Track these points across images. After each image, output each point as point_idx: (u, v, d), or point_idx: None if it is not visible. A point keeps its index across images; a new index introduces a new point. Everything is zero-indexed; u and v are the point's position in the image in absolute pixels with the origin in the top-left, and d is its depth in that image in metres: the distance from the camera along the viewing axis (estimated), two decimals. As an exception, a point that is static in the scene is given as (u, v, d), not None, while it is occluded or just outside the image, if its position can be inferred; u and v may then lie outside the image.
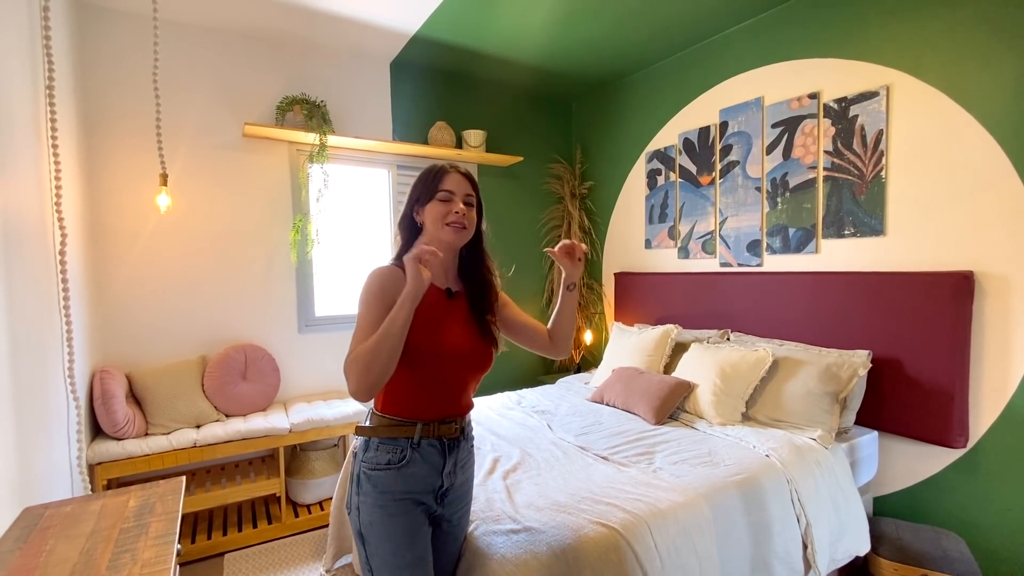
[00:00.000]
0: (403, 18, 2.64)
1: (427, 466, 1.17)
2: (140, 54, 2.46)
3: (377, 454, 1.15)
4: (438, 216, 1.19)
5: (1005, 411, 1.89)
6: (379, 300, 1.11)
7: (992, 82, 1.88)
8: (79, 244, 2.13)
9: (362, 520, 1.15)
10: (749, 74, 2.69)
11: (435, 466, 1.18)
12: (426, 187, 1.22)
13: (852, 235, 2.29)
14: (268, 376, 2.69)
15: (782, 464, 1.80)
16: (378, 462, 1.15)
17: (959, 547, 1.88)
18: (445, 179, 1.21)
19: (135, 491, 1.36)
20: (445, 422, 1.19)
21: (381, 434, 1.16)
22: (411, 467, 1.15)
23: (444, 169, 1.22)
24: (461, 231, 1.20)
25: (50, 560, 1.03)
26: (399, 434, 1.15)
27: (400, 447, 1.15)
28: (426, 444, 1.17)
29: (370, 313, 1.11)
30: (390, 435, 1.16)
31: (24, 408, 1.37)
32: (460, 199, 1.20)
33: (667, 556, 1.41)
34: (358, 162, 3.12)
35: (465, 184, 1.22)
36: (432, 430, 1.17)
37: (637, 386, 2.43)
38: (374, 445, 1.16)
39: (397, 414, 1.17)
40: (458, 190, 1.21)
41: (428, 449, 1.17)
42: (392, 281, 1.14)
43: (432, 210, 1.20)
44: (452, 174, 1.21)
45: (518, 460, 1.87)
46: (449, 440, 1.20)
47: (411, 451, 1.15)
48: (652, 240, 3.31)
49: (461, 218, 1.19)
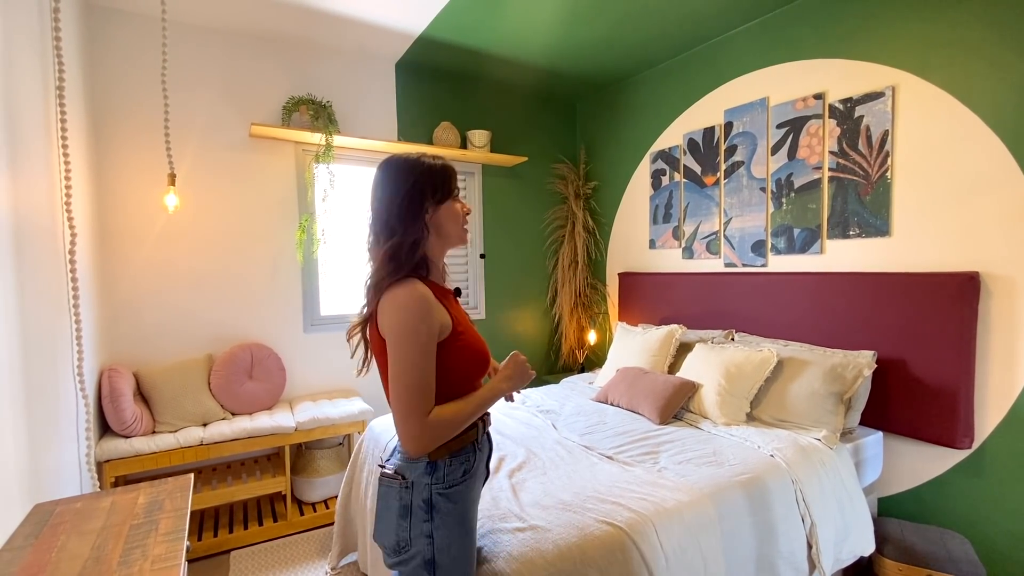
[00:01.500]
0: (409, 19, 2.65)
1: (483, 460, 1.20)
2: (148, 55, 2.48)
3: (451, 470, 1.09)
4: (456, 216, 1.17)
5: (1011, 412, 1.89)
6: (432, 333, 1.02)
7: (998, 83, 1.88)
8: (88, 243, 2.15)
9: (438, 546, 1.06)
10: (754, 74, 2.69)
11: (486, 458, 1.23)
12: (443, 184, 1.15)
13: (857, 236, 2.28)
14: (274, 375, 2.70)
15: (787, 464, 1.80)
16: (455, 477, 1.09)
17: (964, 548, 1.87)
18: (455, 178, 1.18)
19: (144, 488, 1.38)
20: (486, 414, 1.22)
21: (453, 448, 1.09)
22: (478, 467, 1.16)
23: (451, 167, 1.19)
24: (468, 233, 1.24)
25: (62, 556, 1.05)
26: (467, 441, 1.13)
27: (468, 454, 1.13)
28: (483, 441, 1.20)
29: (428, 352, 1.01)
30: (460, 446, 1.11)
31: (35, 406, 1.38)
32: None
33: (672, 555, 1.42)
34: (364, 162, 3.13)
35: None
36: (483, 426, 1.20)
37: (641, 386, 2.44)
38: (445, 463, 1.08)
39: None
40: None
41: (482, 443, 1.20)
42: (431, 301, 1.04)
43: (451, 210, 1.16)
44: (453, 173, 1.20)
45: (523, 459, 1.87)
46: (486, 431, 1.24)
47: (477, 453, 1.16)
48: (656, 240, 3.31)
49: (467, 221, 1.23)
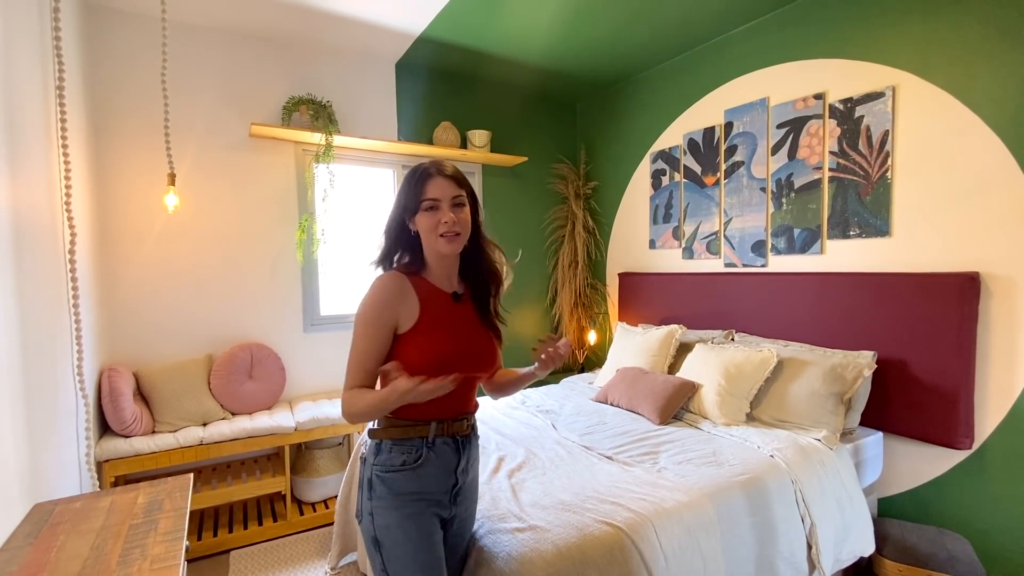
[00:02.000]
0: (409, 19, 2.65)
1: (442, 465, 1.16)
2: (148, 55, 2.48)
3: (391, 456, 1.13)
4: (429, 228, 1.13)
5: (1011, 412, 1.89)
6: (376, 323, 1.11)
7: (999, 83, 1.87)
8: (88, 243, 2.15)
9: (377, 524, 1.12)
10: (754, 75, 2.69)
11: (449, 465, 1.18)
12: (411, 196, 1.14)
13: (857, 236, 2.28)
14: (274, 375, 2.70)
15: (787, 464, 1.80)
16: (392, 464, 1.13)
17: (964, 548, 1.87)
18: (427, 186, 1.13)
19: (144, 488, 1.38)
20: (457, 420, 1.20)
21: (395, 436, 1.14)
22: (426, 467, 1.14)
23: (427, 173, 1.14)
24: (455, 239, 1.14)
25: (61, 555, 1.05)
26: (414, 435, 1.14)
27: (415, 447, 1.14)
28: (440, 443, 1.16)
29: (366, 339, 1.11)
30: (404, 436, 1.14)
31: (35, 405, 1.38)
32: (448, 205, 1.13)
33: (672, 556, 1.42)
34: (363, 162, 3.13)
35: (450, 187, 1.13)
36: (446, 428, 1.17)
37: (641, 386, 2.44)
38: (387, 447, 1.14)
39: (410, 416, 1.15)
40: (443, 195, 1.13)
41: (443, 448, 1.16)
42: (395, 294, 1.12)
43: (422, 222, 1.14)
44: (435, 179, 1.13)
45: (523, 459, 1.87)
46: (462, 437, 1.21)
47: (426, 450, 1.14)
48: (656, 240, 3.31)
49: (452, 227, 1.12)
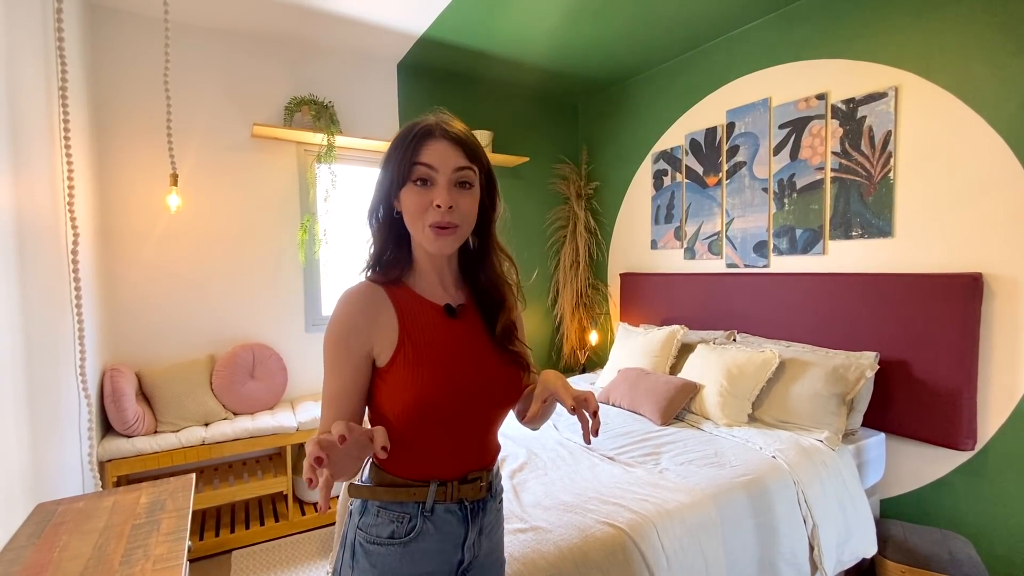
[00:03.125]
0: (410, 19, 2.65)
1: (442, 538, 0.84)
2: (151, 55, 2.48)
3: (377, 522, 0.83)
4: (414, 210, 0.79)
5: (1014, 413, 1.88)
6: (344, 353, 0.80)
7: (1002, 83, 1.87)
8: (90, 244, 2.16)
9: None
10: (756, 75, 2.68)
11: (454, 538, 0.85)
12: (399, 160, 0.79)
13: (860, 236, 2.28)
14: (276, 375, 2.71)
15: (789, 465, 1.80)
16: (378, 535, 0.82)
17: (967, 550, 1.87)
18: (424, 148, 0.78)
19: (146, 488, 1.38)
20: (467, 480, 0.86)
21: (382, 497, 0.83)
22: (421, 541, 0.83)
23: (425, 130, 0.79)
24: (448, 234, 0.79)
25: (64, 555, 1.05)
26: (406, 498, 0.83)
27: (408, 515, 0.83)
28: (442, 510, 0.84)
29: (334, 375, 0.80)
30: (394, 499, 0.83)
31: (38, 405, 1.39)
32: (446, 181, 0.78)
33: (674, 557, 1.42)
34: (365, 162, 3.14)
35: (453, 155, 0.79)
36: (450, 492, 0.84)
37: (643, 387, 2.43)
38: (373, 510, 0.84)
39: (404, 474, 0.84)
40: (442, 165, 0.78)
41: (445, 516, 0.84)
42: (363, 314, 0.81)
43: (407, 200, 0.79)
44: (435, 141, 0.78)
45: (524, 460, 1.87)
46: (472, 503, 0.87)
47: (421, 520, 0.83)
48: (658, 241, 3.31)
49: (445, 215, 0.78)
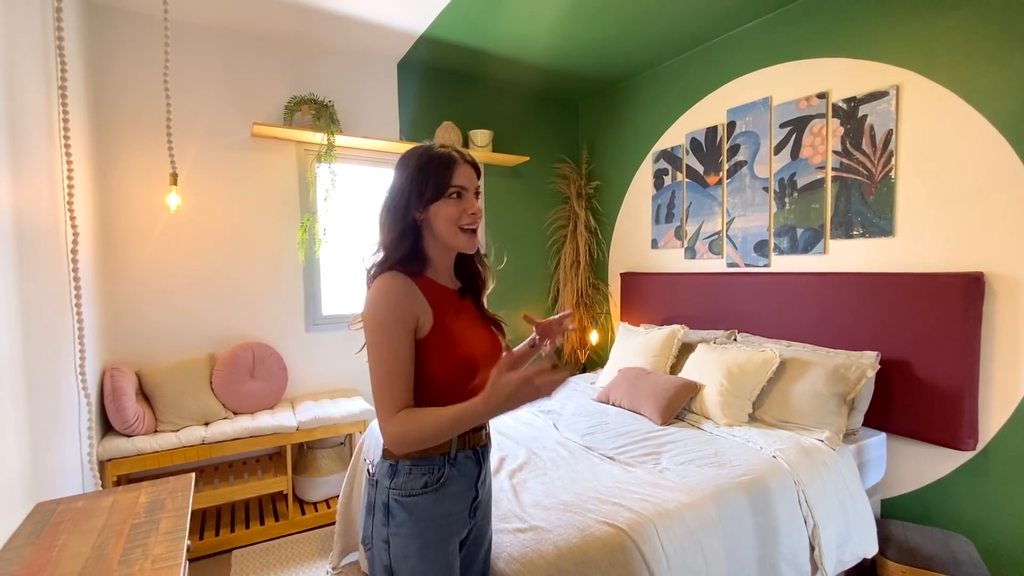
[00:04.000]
0: (410, 18, 2.65)
1: (464, 480, 1.06)
2: (151, 54, 2.48)
3: (411, 478, 1.02)
4: (452, 218, 1.02)
5: (1015, 413, 1.87)
6: (399, 322, 0.96)
7: (1003, 82, 1.86)
8: (90, 243, 2.16)
9: (393, 554, 1.02)
10: (757, 74, 2.68)
11: (471, 478, 1.08)
12: (435, 180, 1.01)
13: (861, 236, 2.27)
14: (276, 374, 2.71)
15: (789, 465, 1.79)
16: (413, 487, 1.01)
17: (968, 550, 1.86)
18: (456, 172, 1.02)
19: (146, 487, 1.38)
20: (476, 430, 1.09)
21: (415, 456, 1.02)
22: (450, 485, 1.04)
23: (452, 159, 1.03)
24: (474, 236, 1.06)
25: (63, 555, 1.05)
26: (435, 452, 1.03)
27: (437, 466, 1.03)
28: (462, 457, 1.06)
29: (393, 344, 0.95)
30: (425, 455, 1.02)
31: (37, 405, 1.39)
32: (472, 195, 1.04)
33: (674, 556, 1.41)
34: (365, 162, 3.13)
35: (473, 176, 1.05)
36: (467, 440, 1.07)
37: (643, 386, 2.43)
38: (405, 469, 1.02)
39: None
40: (470, 184, 1.04)
41: (464, 462, 1.07)
42: (408, 292, 0.99)
43: (444, 210, 1.02)
44: (462, 166, 1.03)
45: (524, 459, 1.87)
46: (481, 448, 1.11)
47: (448, 468, 1.04)
48: (659, 240, 3.30)
49: (476, 219, 1.04)
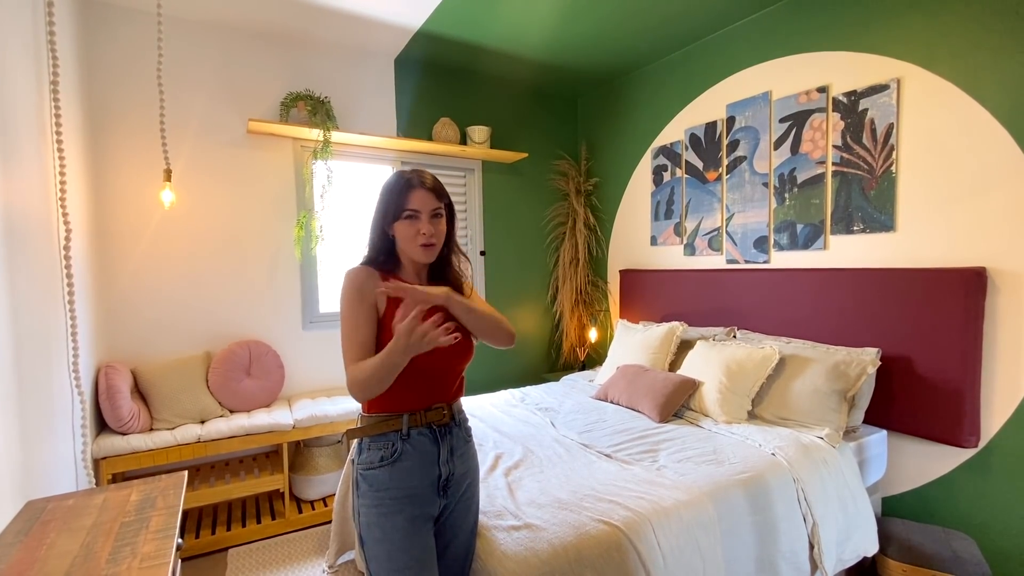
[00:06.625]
0: (407, 14, 2.63)
1: (420, 456, 1.17)
2: (144, 51, 2.46)
3: (369, 453, 1.16)
4: (408, 236, 1.20)
5: (1017, 410, 1.86)
6: (358, 302, 1.15)
7: (1006, 75, 1.84)
8: (84, 240, 2.14)
9: (361, 523, 1.16)
10: (756, 68, 2.65)
11: (429, 455, 1.18)
12: (392, 204, 1.20)
13: (861, 231, 2.25)
14: (272, 372, 2.69)
15: (788, 463, 1.78)
16: (372, 461, 1.16)
17: (970, 548, 1.85)
18: (410, 197, 1.18)
19: (137, 485, 1.37)
20: (432, 409, 1.20)
21: (370, 432, 1.17)
22: (404, 460, 1.15)
23: (409, 184, 1.19)
24: (431, 249, 1.21)
25: (51, 553, 1.04)
26: (387, 428, 1.16)
27: (390, 442, 1.16)
28: (416, 434, 1.17)
29: (353, 317, 1.15)
30: (379, 431, 1.17)
31: (28, 402, 1.37)
32: (427, 217, 1.19)
33: (671, 555, 1.40)
34: (362, 158, 3.12)
35: (430, 199, 1.19)
36: (420, 419, 1.18)
37: (642, 384, 2.41)
38: (366, 445, 1.17)
39: (383, 410, 1.18)
40: (424, 207, 1.18)
41: (419, 439, 1.17)
42: (367, 282, 1.17)
43: (401, 229, 1.20)
44: (417, 191, 1.19)
45: (520, 457, 1.86)
46: (439, 426, 1.21)
47: (401, 443, 1.16)
48: (658, 237, 3.28)
49: (429, 238, 1.19)
